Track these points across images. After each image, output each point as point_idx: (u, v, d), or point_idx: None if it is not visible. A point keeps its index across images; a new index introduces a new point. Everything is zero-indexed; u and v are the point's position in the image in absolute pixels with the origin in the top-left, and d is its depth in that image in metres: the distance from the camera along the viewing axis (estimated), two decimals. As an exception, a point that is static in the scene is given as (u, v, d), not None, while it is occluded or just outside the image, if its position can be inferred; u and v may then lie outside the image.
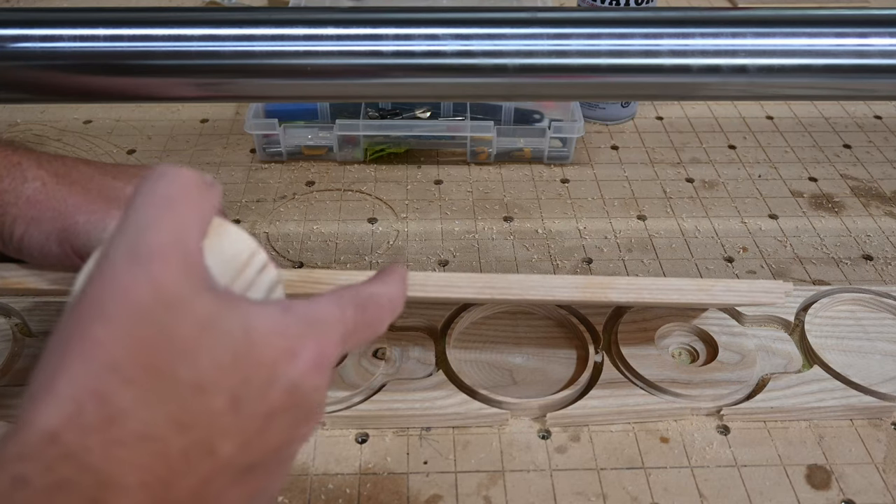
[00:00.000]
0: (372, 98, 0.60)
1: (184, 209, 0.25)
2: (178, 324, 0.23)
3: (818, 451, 0.43)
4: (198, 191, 0.26)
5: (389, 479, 0.41)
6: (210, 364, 0.23)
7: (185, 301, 0.23)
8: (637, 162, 0.70)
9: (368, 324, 0.29)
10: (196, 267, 0.25)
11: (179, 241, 0.24)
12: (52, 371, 0.22)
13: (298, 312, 0.26)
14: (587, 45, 0.44)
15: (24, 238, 0.37)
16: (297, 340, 0.25)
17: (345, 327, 0.27)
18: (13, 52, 0.42)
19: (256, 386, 0.24)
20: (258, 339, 0.24)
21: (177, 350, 0.23)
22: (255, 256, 0.29)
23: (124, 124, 0.74)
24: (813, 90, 0.46)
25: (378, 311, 0.29)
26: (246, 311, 0.25)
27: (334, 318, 0.27)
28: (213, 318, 0.24)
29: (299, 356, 0.25)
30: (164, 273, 0.23)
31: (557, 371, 0.47)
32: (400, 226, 0.61)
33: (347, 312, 0.28)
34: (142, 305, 0.23)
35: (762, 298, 0.43)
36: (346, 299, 0.28)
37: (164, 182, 0.25)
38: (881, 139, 0.74)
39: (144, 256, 0.23)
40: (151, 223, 0.24)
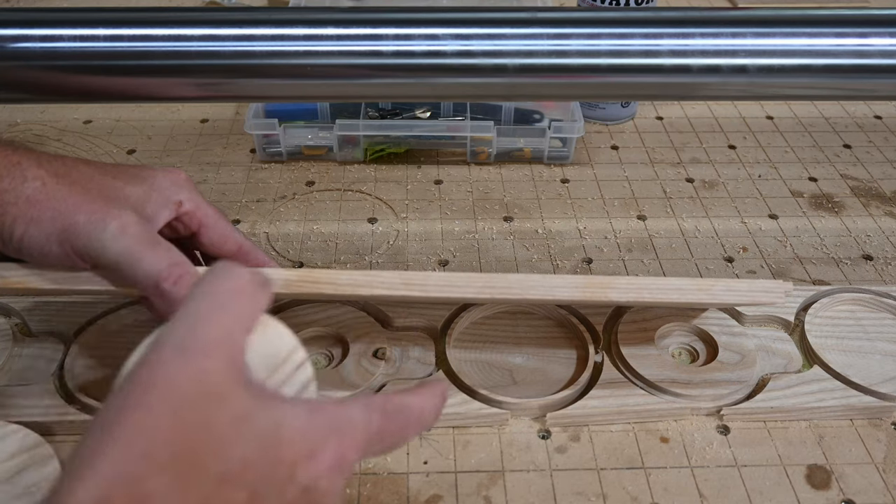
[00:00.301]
0: (372, 98, 0.61)
1: (237, 307, 0.27)
2: (215, 417, 0.24)
3: (818, 451, 0.43)
4: (252, 290, 0.28)
5: (389, 479, 0.41)
6: (238, 458, 0.24)
7: (225, 395, 0.25)
8: (637, 162, 0.70)
9: (393, 434, 0.29)
10: (239, 364, 0.26)
11: (228, 338, 0.26)
12: (91, 451, 0.23)
13: (326, 414, 0.27)
14: (587, 45, 0.44)
15: (24, 238, 0.37)
16: (319, 442, 0.26)
17: (368, 434, 0.28)
18: (13, 52, 0.42)
19: (274, 483, 0.25)
20: (285, 438, 0.25)
21: (210, 442, 0.24)
22: (294, 354, 0.30)
23: (124, 124, 0.74)
24: (813, 90, 0.46)
25: (405, 423, 0.30)
26: (278, 409, 0.26)
27: (359, 424, 0.28)
28: (247, 413, 0.25)
29: (319, 458, 0.26)
30: (210, 369, 0.24)
31: (557, 371, 0.47)
32: (400, 226, 0.61)
33: (374, 419, 0.28)
34: (185, 397, 0.24)
35: (762, 298, 0.43)
36: (375, 406, 0.29)
37: (222, 279, 0.27)
38: (881, 139, 0.74)
39: (193, 350, 0.25)
40: (205, 318, 0.26)
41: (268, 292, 0.29)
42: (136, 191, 0.39)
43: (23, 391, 0.44)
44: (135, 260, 0.36)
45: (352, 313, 0.49)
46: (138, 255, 0.36)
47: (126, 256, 0.36)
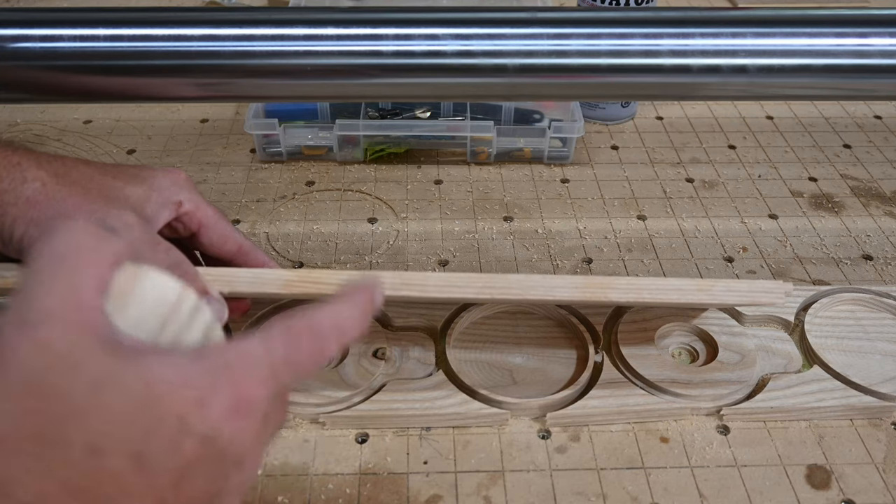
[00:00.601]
0: (372, 98, 0.61)
1: (78, 263, 0.24)
2: (67, 387, 0.22)
3: (818, 451, 0.43)
4: (93, 242, 0.25)
5: (389, 479, 0.41)
6: (104, 424, 0.22)
7: (77, 361, 0.22)
8: (637, 162, 0.70)
9: (307, 354, 0.26)
10: (91, 324, 0.24)
11: (72, 299, 0.23)
12: None
13: (212, 356, 0.25)
14: (587, 45, 0.44)
15: (24, 238, 0.37)
16: (206, 388, 0.24)
17: (272, 364, 0.25)
18: (13, 52, 0.42)
19: (163, 440, 0.23)
20: (161, 392, 0.23)
21: (67, 414, 0.22)
22: (183, 299, 0.27)
23: (124, 124, 0.74)
24: (813, 90, 0.46)
25: (318, 340, 0.27)
26: (147, 365, 0.23)
27: (258, 356, 0.25)
28: (108, 375, 0.23)
29: (211, 403, 0.23)
30: (52, 335, 0.22)
31: (557, 371, 0.47)
32: (400, 226, 0.61)
33: (275, 346, 0.26)
34: (28, 371, 0.22)
35: (762, 298, 0.43)
36: (275, 332, 0.26)
37: (56, 240, 0.25)
38: (881, 139, 0.74)
39: (32, 321, 0.23)
40: (41, 285, 0.23)
41: (117, 240, 0.26)
42: (136, 191, 0.39)
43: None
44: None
45: (352, 313, 0.49)
46: (138, 255, 0.36)
47: None
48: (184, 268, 0.37)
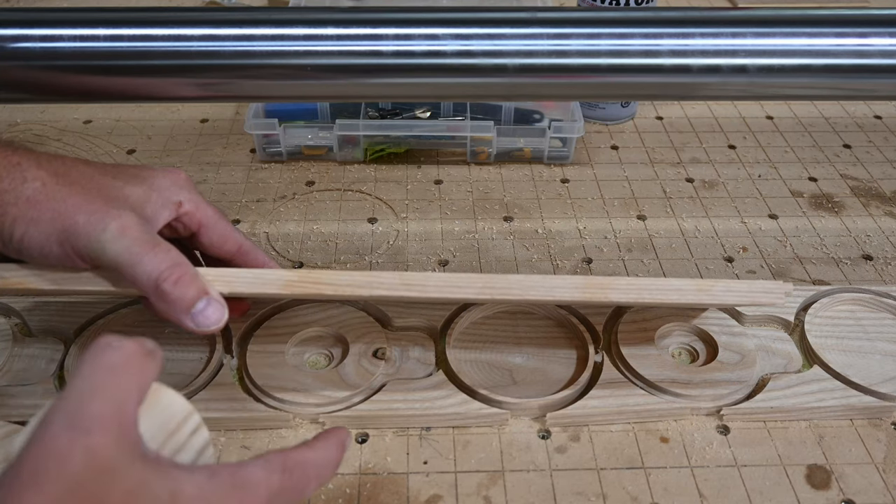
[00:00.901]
0: (372, 98, 0.60)
1: (125, 379, 0.27)
2: (108, 492, 0.24)
3: (818, 451, 0.43)
4: (140, 361, 0.27)
5: (389, 479, 0.41)
6: None
7: (117, 471, 0.24)
8: (637, 162, 0.70)
9: (293, 490, 0.30)
10: (130, 436, 0.26)
11: (118, 411, 0.26)
12: None
13: (225, 477, 0.28)
14: (587, 45, 0.44)
15: (24, 238, 0.37)
16: None
17: (269, 492, 0.29)
18: (13, 52, 0.42)
19: None
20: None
21: None
22: (188, 419, 0.30)
23: (124, 124, 0.74)
24: (813, 90, 0.46)
25: (304, 479, 0.30)
26: (174, 478, 0.26)
27: (260, 483, 0.28)
28: (142, 485, 0.25)
29: None
30: (100, 445, 0.24)
31: (557, 371, 0.47)
32: (400, 226, 0.61)
33: (273, 478, 0.29)
34: (76, 476, 0.24)
35: (762, 299, 0.43)
36: (275, 465, 0.30)
37: (108, 352, 0.27)
38: (881, 139, 0.74)
39: (83, 427, 0.24)
40: (93, 393, 0.25)
41: (157, 360, 0.29)
42: (135, 191, 0.39)
43: (23, 391, 0.44)
44: (135, 260, 0.36)
45: (352, 313, 0.49)
46: (138, 255, 0.36)
47: (126, 257, 0.36)
48: (184, 268, 0.37)
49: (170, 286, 0.36)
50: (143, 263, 0.36)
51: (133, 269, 0.36)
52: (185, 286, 0.37)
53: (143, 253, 0.36)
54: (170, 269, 0.36)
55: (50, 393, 0.44)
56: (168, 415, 0.29)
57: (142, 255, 0.36)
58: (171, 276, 0.36)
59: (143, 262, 0.36)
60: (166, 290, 0.36)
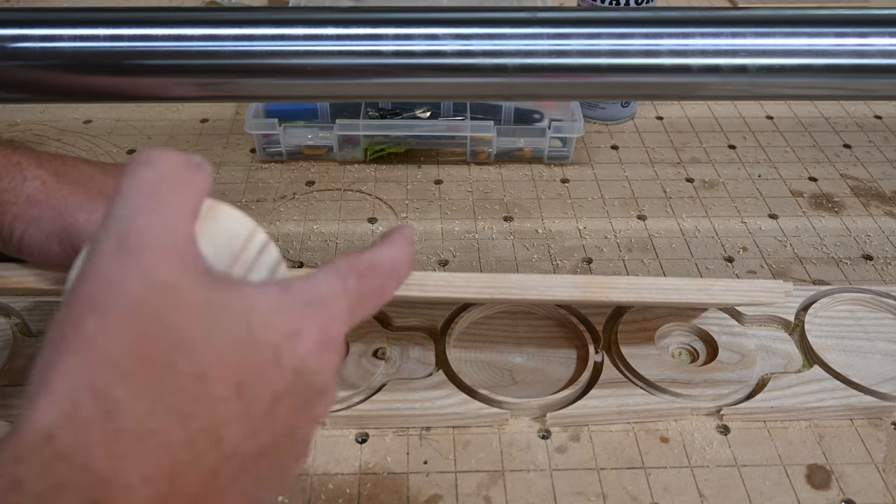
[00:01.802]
0: (372, 98, 0.60)
1: (170, 194, 0.24)
2: (173, 313, 0.22)
3: (818, 451, 0.43)
4: (184, 173, 0.25)
5: (389, 479, 0.41)
6: (209, 352, 0.22)
7: (179, 289, 0.23)
8: (637, 162, 0.70)
9: (373, 292, 0.28)
10: (188, 253, 0.24)
11: (168, 227, 0.24)
12: (47, 369, 0.21)
13: (298, 290, 0.25)
14: (587, 45, 0.44)
15: (24, 237, 0.37)
16: (299, 320, 0.24)
17: (348, 300, 0.27)
18: (13, 52, 0.42)
19: (260, 370, 0.23)
20: (258, 322, 0.24)
21: (174, 340, 0.22)
22: (253, 237, 0.28)
23: (124, 124, 0.74)
24: (813, 90, 0.46)
25: (381, 278, 0.28)
26: (244, 295, 0.24)
27: (336, 292, 0.26)
28: (209, 304, 0.23)
29: (302, 336, 0.24)
30: (154, 262, 0.23)
31: (557, 371, 0.47)
32: (400, 226, 0.61)
33: (350, 283, 0.27)
34: (134, 297, 0.22)
35: (762, 298, 0.43)
36: (346, 270, 0.27)
37: (148, 168, 0.25)
38: (881, 139, 0.74)
39: (133, 247, 0.23)
40: (138, 212, 0.23)
41: (205, 172, 0.26)
42: (136, 190, 0.39)
43: (23, 391, 0.44)
44: None
45: (352, 313, 0.49)
46: None
47: None
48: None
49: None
50: None
51: (133, 268, 0.36)
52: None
53: None
54: None
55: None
56: (231, 233, 0.27)
57: None
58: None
59: None
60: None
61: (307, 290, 0.26)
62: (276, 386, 0.24)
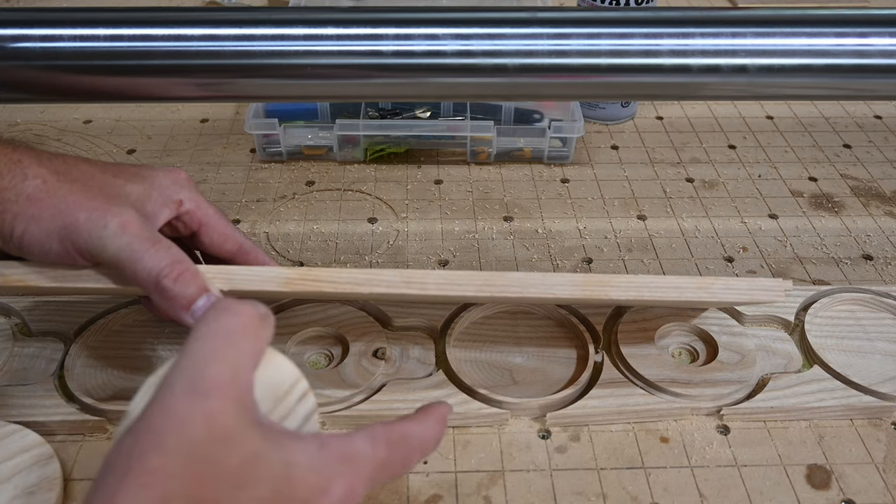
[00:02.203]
0: (372, 98, 0.60)
1: (243, 344, 0.27)
2: (227, 458, 0.24)
3: (818, 450, 0.43)
4: (256, 325, 0.28)
5: (389, 479, 0.41)
6: (251, 499, 0.24)
7: (235, 436, 0.25)
8: (637, 162, 0.70)
9: (397, 463, 0.30)
10: (247, 401, 0.26)
11: (236, 376, 0.26)
12: (109, 496, 0.23)
13: (334, 449, 0.28)
14: (587, 45, 0.44)
15: (24, 236, 0.37)
16: (329, 478, 0.27)
17: (375, 465, 0.29)
18: (13, 52, 0.42)
19: None
20: (296, 476, 0.26)
21: (223, 484, 0.24)
22: (296, 385, 0.30)
23: (124, 124, 0.74)
24: (813, 90, 0.46)
25: (408, 452, 0.30)
26: (287, 448, 0.26)
27: (366, 456, 0.28)
28: (258, 454, 0.25)
29: (330, 493, 0.26)
30: (220, 408, 0.25)
31: (557, 371, 0.47)
32: (400, 226, 0.61)
33: (379, 450, 0.29)
34: (197, 440, 0.24)
35: (762, 296, 0.43)
36: (379, 437, 0.29)
37: (225, 316, 0.27)
38: (881, 139, 0.74)
39: (203, 391, 0.25)
40: (212, 358, 0.26)
41: (270, 325, 0.29)
42: (136, 189, 0.39)
43: (23, 391, 0.44)
44: (135, 257, 0.36)
45: (352, 313, 0.49)
46: (139, 252, 0.36)
47: (126, 254, 0.36)
48: (184, 265, 0.37)
49: (170, 283, 0.36)
50: (144, 260, 0.36)
51: (133, 266, 0.36)
52: (185, 283, 0.37)
53: (144, 250, 0.36)
54: (170, 266, 0.36)
55: (50, 393, 0.44)
56: (278, 380, 0.29)
57: (142, 252, 0.36)
58: (171, 273, 0.36)
59: (143, 258, 0.36)
60: (167, 287, 0.36)
61: (343, 449, 0.28)
62: None
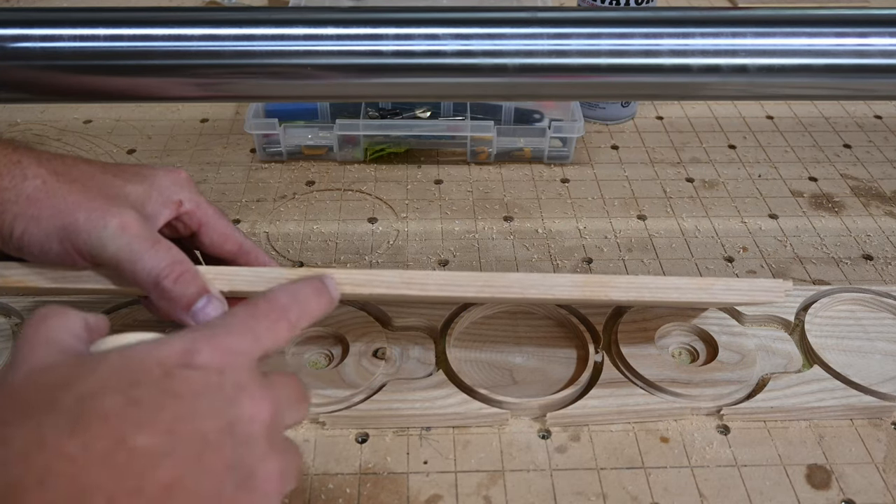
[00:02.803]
0: (372, 98, 0.61)
1: (49, 323, 0.29)
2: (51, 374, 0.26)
3: (818, 450, 0.43)
4: (56, 311, 0.29)
5: (389, 479, 0.41)
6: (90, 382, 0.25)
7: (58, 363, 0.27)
8: (637, 162, 0.70)
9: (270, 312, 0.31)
10: (71, 350, 0.28)
11: (50, 341, 0.28)
12: None
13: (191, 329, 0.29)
14: (587, 45, 0.44)
15: (24, 236, 0.37)
16: (186, 343, 0.27)
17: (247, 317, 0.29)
18: (13, 52, 0.42)
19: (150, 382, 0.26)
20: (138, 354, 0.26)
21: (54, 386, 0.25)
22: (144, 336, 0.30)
23: (124, 124, 0.74)
24: (813, 90, 0.46)
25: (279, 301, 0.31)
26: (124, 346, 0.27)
27: (227, 316, 0.29)
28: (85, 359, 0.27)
29: (193, 350, 0.27)
30: (35, 360, 0.27)
31: (557, 371, 0.47)
32: (400, 225, 0.61)
33: (238, 310, 0.30)
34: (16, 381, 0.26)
35: (762, 297, 0.43)
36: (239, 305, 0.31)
37: (31, 316, 0.29)
38: (881, 139, 0.74)
39: (18, 360, 0.27)
40: (25, 340, 0.28)
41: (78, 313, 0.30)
42: (136, 189, 0.39)
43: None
44: (135, 257, 0.36)
45: (352, 313, 0.49)
46: (138, 252, 0.36)
47: (126, 254, 0.36)
48: (184, 266, 0.37)
49: (170, 283, 0.36)
50: (144, 260, 0.36)
51: (133, 267, 0.36)
52: (185, 284, 0.37)
53: (144, 250, 0.36)
54: (170, 267, 0.36)
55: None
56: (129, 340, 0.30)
57: (142, 253, 0.36)
58: (171, 274, 0.36)
59: (143, 259, 0.36)
60: (167, 288, 0.36)
61: (194, 327, 0.29)
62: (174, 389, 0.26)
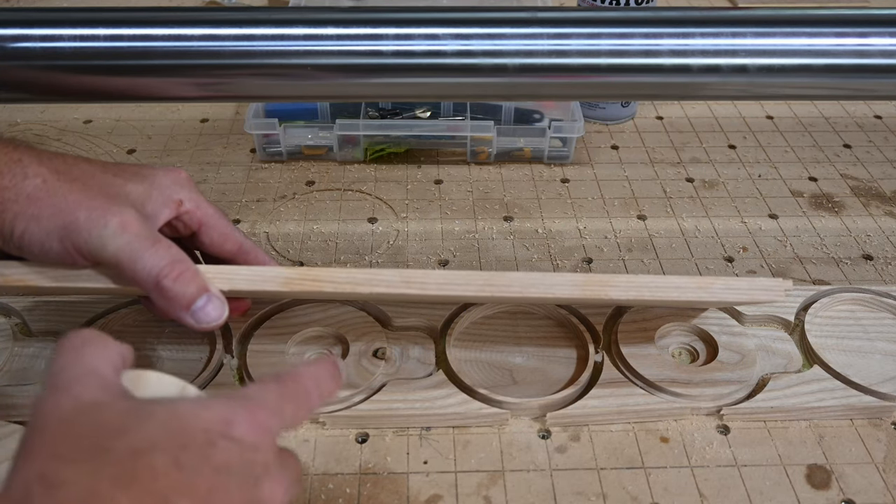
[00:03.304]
0: (372, 98, 0.61)
1: (90, 350, 0.29)
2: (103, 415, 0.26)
3: (818, 450, 0.43)
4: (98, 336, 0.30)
5: (389, 479, 0.41)
6: (142, 434, 0.25)
7: (107, 402, 0.27)
8: (637, 162, 0.70)
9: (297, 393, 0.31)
10: (111, 387, 0.28)
11: (93, 372, 0.28)
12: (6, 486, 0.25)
13: (220, 397, 0.28)
14: (587, 45, 0.44)
15: (24, 235, 0.37)
16: (228, 411, 0.27)
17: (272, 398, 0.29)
18: (13, 52, 0.42)
19: (194, 446, 0.26)
20: (186, 413, 0.27)
21: (107, 432, 0.25)
22: (185, 389, 0.30)
23: (124, 124, 0.74)
24: (813, 90, 0.46)
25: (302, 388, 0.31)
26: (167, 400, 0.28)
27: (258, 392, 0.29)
28: (137, 406, 0.27)
29: (235, 421, 0.27)
30: (83, 392, 0.27)
31: (557, 371, 0.47)
32: (400, 225, 0.61)
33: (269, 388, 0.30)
34: (66, 413, 0.26)
35: (762, 296, 0.43)
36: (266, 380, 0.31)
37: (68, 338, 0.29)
38: (881, 139, 0.74)
39: (63, 386, 0.27)
40: (66, 365, 0.28)
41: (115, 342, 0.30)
42: (136, 189, 0.39)
43: (23, 391, 0.44)
44: (135, 256, 0.36)
45: (352, 313, 0.49)
46: (139, 251, 0.36)
47: (126, 253, 0.36)
48: (184, 265, 0.37)
49: (170, 282, 0.36)
50: (144, 259, 0.36)
51: (133, 266, 0.36)
52: (185, 282, 0.37)
53: (144, 249, 0.36)
54: (170, 266, 0.36)
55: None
56: (163, 389, 0.30)
57: (142, 252, 0.36)
58: (171, 273, 0.36)
59: (143, 258, 0.36)
60: (166, 287, 0.36)
61: (231, 394, 0.29)
62: (214, 460, 0.26)
